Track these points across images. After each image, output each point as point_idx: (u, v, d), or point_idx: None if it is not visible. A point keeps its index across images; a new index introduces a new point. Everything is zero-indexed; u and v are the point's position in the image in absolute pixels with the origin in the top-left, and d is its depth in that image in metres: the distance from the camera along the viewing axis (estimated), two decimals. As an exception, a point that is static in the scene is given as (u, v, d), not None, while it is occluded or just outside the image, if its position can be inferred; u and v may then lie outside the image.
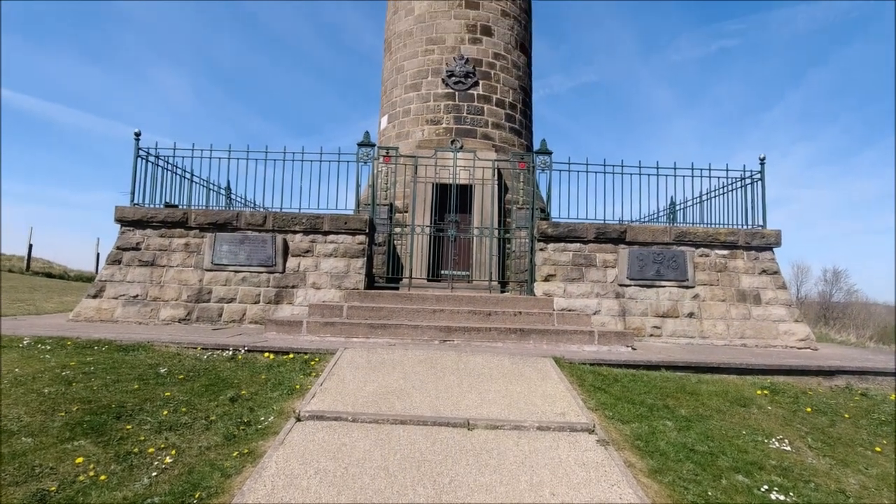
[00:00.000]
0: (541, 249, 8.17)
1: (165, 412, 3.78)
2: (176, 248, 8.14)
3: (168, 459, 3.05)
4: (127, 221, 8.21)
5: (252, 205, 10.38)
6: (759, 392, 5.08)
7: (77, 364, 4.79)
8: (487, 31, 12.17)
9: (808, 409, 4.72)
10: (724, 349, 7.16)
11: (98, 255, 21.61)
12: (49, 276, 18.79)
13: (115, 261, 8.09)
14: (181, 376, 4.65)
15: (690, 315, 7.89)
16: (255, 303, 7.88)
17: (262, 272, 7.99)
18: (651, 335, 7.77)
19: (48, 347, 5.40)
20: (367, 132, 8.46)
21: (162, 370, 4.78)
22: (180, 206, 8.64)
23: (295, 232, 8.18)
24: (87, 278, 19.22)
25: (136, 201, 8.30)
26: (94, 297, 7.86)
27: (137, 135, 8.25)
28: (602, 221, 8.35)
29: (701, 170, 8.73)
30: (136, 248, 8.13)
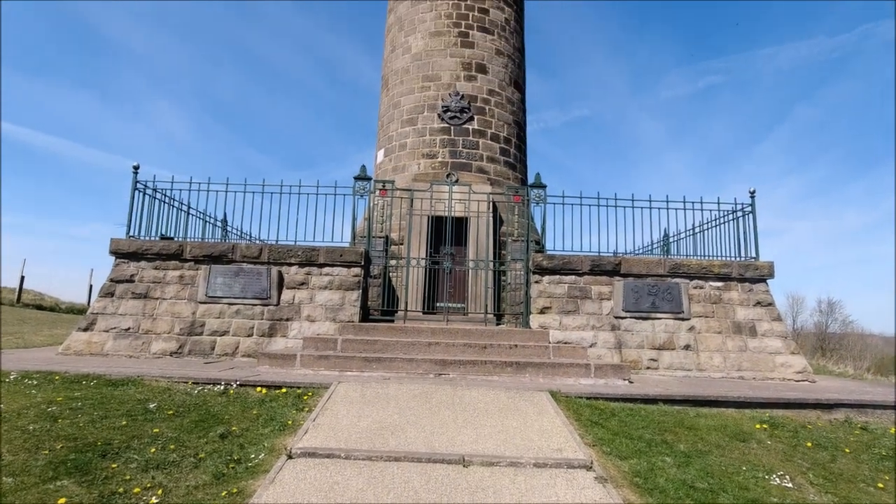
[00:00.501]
0: (536, 282, 8.18)
1: (153, 450, 3.69)
2: (170, 280, 8.11)
3: (154, 500, 2.96)
4: (122, 254, 8.19)
5: (248, 237, 10.40)
6: (758, 426, 5.02)
7: (64, 399, 4.69)
8: (482, 69, 12.51)
9: (809, 444, 4.65)
10: (722, 382, 7.10)
11: (91, 286, 21.44)
12: (40, 308, 18.58)
13: (107, 293, 8.03)
14: (171, 412, 4.56)
15: (687, 347, 7.85)
16: (249, 335, 7.80)
17: (256, 304, 7.94)
18: (648, 368, 7.71)
19: (35, 382, 5.29)
20: (363, 166, 8.58)
21: (151, 406, 4.69)
22: (176, 239, 8.64)
23: (290, 264, 8.17)
24: (79, 310, 19.01)
25: (132, 234, 8.30)
26: (85, 329, 7.76)
27: (136, 168, 8.32)
28: (597, 254, 8.40)
29: (693, 203, 8.87)
30: (130, 281, 8.08)
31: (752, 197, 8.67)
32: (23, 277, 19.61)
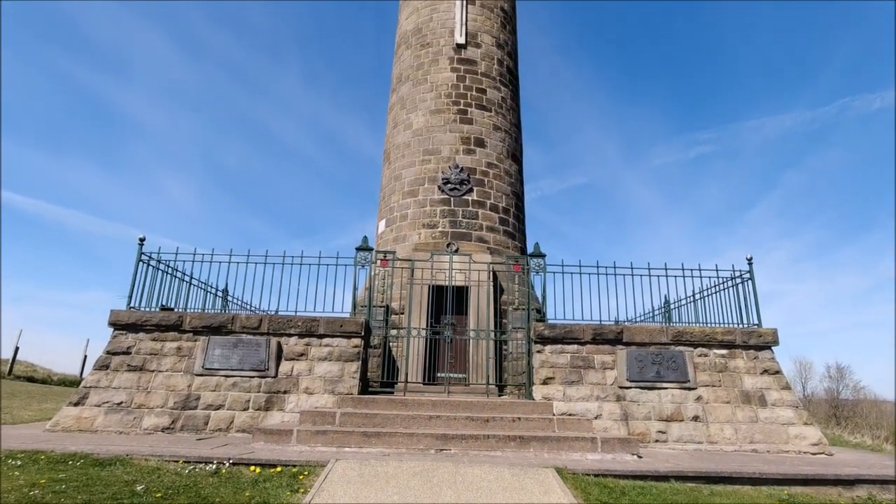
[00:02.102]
0: (538, 351, 8.07)
1: (139, 537, 3.49)
2: (167, 352, 8.00)
3: None
4: (121, 325, 8.15)
5: (249, 307, 10.38)
6: (776, 505, 4.77)
7: (48, 482, 4.49)
8: (481, 143, 13.05)
9: (832, 525, 4.40)
10: (735, 456, 6.81)
11: (85, 357, 21.05)
12: (31, 380, 18.15)
13: (102, 366, 7.89)
14: (159, 494, 4.35)
15: (695, 418, 7.61)
16: (245, 409, 7.58)
17: (253, 377, 7.78)
18: (656, 441, 7.42)
19: (19, 463, 5.09)
20: (365, 237, 8.74)
21: (139, 488, 4.48)
22: (176, 310, 8.63)
23: (290, 335, 8.10)
24: (71, 382, 18.56)
25: (132, 305, 8.30)
26: (76, 404, 7.55)
27: (141, 240, 8.47)
28: (598, 322, 8.35)
29: (692, 270, 8.94)
30: (127, 353, 7.98)
31: (750, 264, 8.76)
32: (17, 348, 19.33)
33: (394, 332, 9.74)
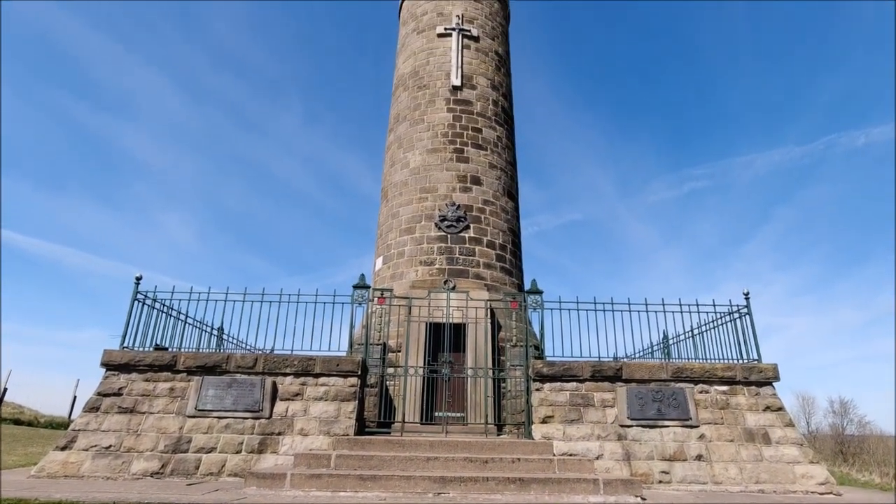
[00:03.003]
0: (537, 389, 7.96)
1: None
2: (160, 393, 7.85)
3: None
4: (113, 365, 8.02)
5: (244, 345, 10.27)
6: (785, 550, 4.61)
7: (33, 530, 4.33)
8: (477, 181, 13.26)
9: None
10: (742, 497, 6.63)
11: (74, 398, 20.58)
12: (17, 422, 17.67)
13: (92, 408, 7.73)
14: (147, 543, 4.19)
15: (699, 458, 7.45)
16: (237, 452, 7.38)
17: (247, 418, 7.62)
18: (660, 481, 7.24)
19: (4, 510, 4.91)
20: (362, 275, 8.75)
21: (126, 536, 4.32)
22: (170, 349, 8.52)
23: (286, 374, 7.98)
24: (59, 424, 18.08)
25: (126, 345, 8.20)
26: (63, 448, 7.35)
27: (138, 279, 8.44)
28: (597, 359, 8.28)
29: (689, 305, 8.94)
30: (118, 394, 7.82)
31: (747, 298, 8.77)
32: (5, 389, 18.91)
33: (391, 370, 9.62)
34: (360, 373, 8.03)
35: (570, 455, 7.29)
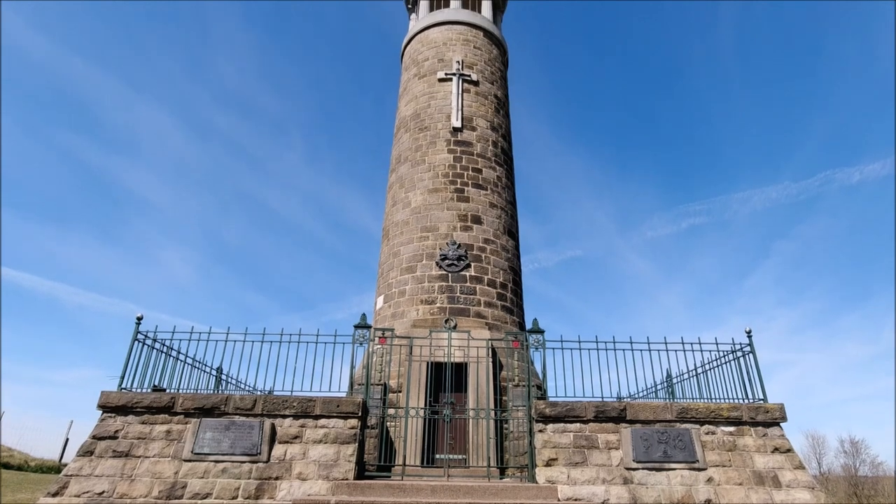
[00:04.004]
0: (540, 431, 7.82)
1: None
2: (156, 436, 7.71)
3: None
4: (110, 407, 7.91)
5: (244, 386, 10.17)
6: None
7: (21, 582, 4.19)
8: (477, 220, 13.42)
9: None
10: (753, 545, 6.41)
11: (66, 440, 20.10)
12: (7, 466, 17.21)
13: (87, 451, 7.58)
14: None
15: (708, 502, 7.24)
16: (234, 498, 7.19)
17: (244, 462, 7.46)
18: (670, 529, 7.01)
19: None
20: (363, 314, 8.75)
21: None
22: (168, 391, 8.43)
23: (285, 416, 7.86)
24: (49, 468, 17.60)
25: (124, 386, 8.11)
26: (55, 495, 7.16)
27: (139, 319, 8.44)
28: (600, 399, 8.17)
29: (692, 343, 8.89)
30: (114, 437, 7.68)
31: (749, 336, 8.73)
32: (-3, 434, 18.51)
33: (391, 411, 9.47)
34: (360, 414, 7.91)
35: (576, 500, 7.10)
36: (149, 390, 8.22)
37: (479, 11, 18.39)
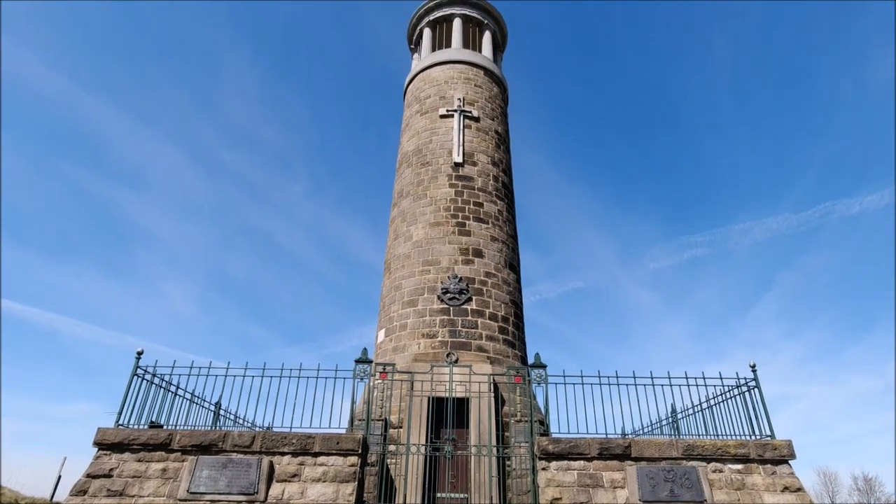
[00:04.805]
0: (543, 469, 7.66)
1: None
2: (152, 474, 7.57)
3: None
4: (106, 445, 7.79)
5: (242, 421, 10.03)
6: None
7: None
8: (479, 254, 13.48)
9: None
10: (766, 591, 6.17)
11: (59, 477, 19.61)
12: (-2, 507, 16.78)
13: (80, 491, 7.42)
14: None
15: (718, 546, 7.01)
16: (229, 540, 7.00)
17: (241, 501, 7.29)
18: (679, 573, 6.77)
19: None
20: (364, 349, 8.71)
21: None
22: (166, 427, 8.32)
23: (283, 453, 7.73)
24: (40, 509, 17.11)
25: (121, 422, 8.01)
26: (48, 536, 6.98)
27: (139, 354, 8.41)
28: (604, 436, 8.03)
29: (696, 378, 8.78)
30: (108, 476, 7.54)
31: (754, 371, 8.63)
32: (-10, 472, 18.12)
33: (392, 447, 9.30)
34: (360, 451, 7.77)
35: (581, 542, 6.89)
36: (146, 426, 8.11)
37: (480, 51, 18.97)
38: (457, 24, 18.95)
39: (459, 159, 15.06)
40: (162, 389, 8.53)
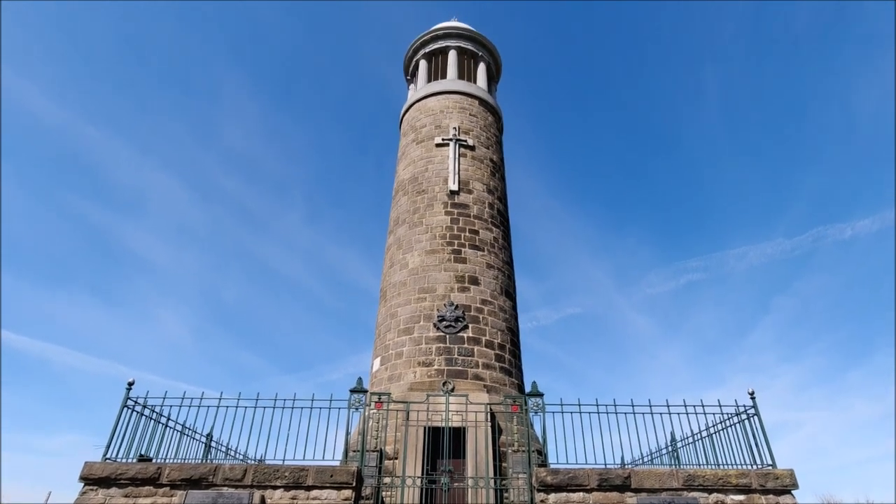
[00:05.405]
0: (542, 501, 7.49)
1: None
2: (140, 510, 7.35)
3: None
4: (92, 480, 7.58)
5: (234, 453, 9.82)
6: None
7: None
8: (475, 281, 13.48)
9: None
10: None
11: (45, 516, 19.03)
12: (-20, 547, 16.20)
13: (66, 528, 7.19)
14: None
15: (723, 581, 6.82)
16: (218, 580, 6.76)
17: (231, 538, 7.07)
18: None
19: None
20: (359, 378, 8.61)
21: None
22: (155, 460, 8.13)
23: (276, 487, 7.53)
24: (24, 549, 16.54)
25: (109, 456, 7.82)
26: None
27: (130, 384, 8.27)
28: (603, 466, 7.88)
29: (694, 406, 8.70)
30: (95, 512, 7.32)
31: (753, 398, 8.55)
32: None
33: (387, 479, 9.09)
34: (354, 484, 7.59)
35: (582, 578, 6.68)
36: (135, 460, 7.92)
37: (475, 82, 19.38)
38: (452, 56, 19.41)
39: (455, 187, 15.21)
40: (152, 421, 8.36)
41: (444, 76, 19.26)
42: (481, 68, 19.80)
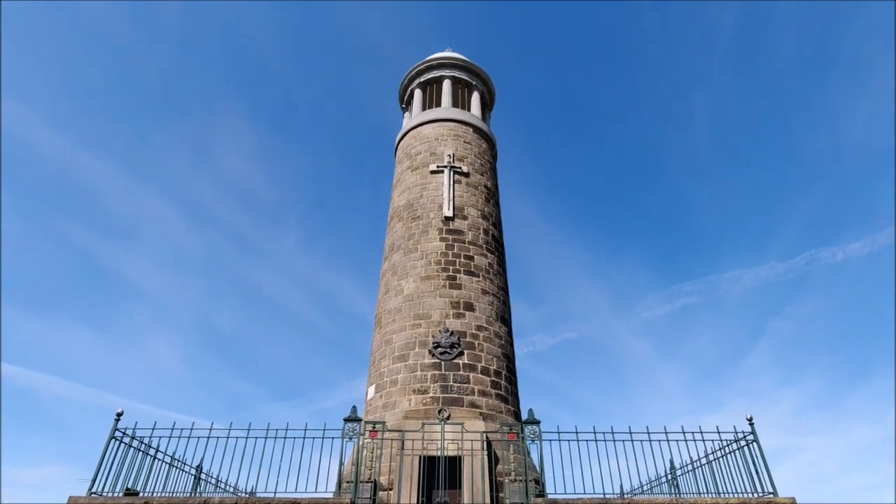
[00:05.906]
0: (540, 533, 7.31)
1: None
2: (126, 546, 7.13)
3: None
4: (78, 514, 7.37)
5: (225, 486, 9.57)
6: None
7: None
8: (470, 307, 13.44)
9: None
10: None
11: (27, 555, 18.34)
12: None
13: (49, 566, 6.94)
14: None
15: None
16: None
17: (219, 575, 6.84)
18: None
19: None
20: (353, 406, 8.49)
21: None
22: (143, 493, 7.91)
23: (266, 520, 7.34)
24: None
25: (94, 490, 7.61)
26: None
27: (119, 415, 8.12)
28: (601, 495, 7.74)
29: (693, 433, 8.61)
30: (79, 549, 7.08)
31: (752, 424, 8.48)
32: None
33: (381, 513, 8.87)
34: (347, 517, 7.41)
35: None
36: (121, 494, 7.71)
37: (469, 110, 19.71)
38: (446, 86, 19.79)
39: (450, 213, 15.30)
40: (140, 453, 8.17)
41: (438, 104, 19.59)
42: (475, 97, 20.17)
